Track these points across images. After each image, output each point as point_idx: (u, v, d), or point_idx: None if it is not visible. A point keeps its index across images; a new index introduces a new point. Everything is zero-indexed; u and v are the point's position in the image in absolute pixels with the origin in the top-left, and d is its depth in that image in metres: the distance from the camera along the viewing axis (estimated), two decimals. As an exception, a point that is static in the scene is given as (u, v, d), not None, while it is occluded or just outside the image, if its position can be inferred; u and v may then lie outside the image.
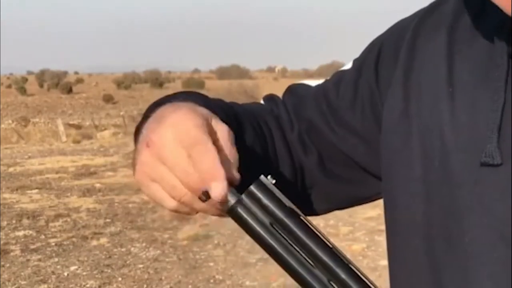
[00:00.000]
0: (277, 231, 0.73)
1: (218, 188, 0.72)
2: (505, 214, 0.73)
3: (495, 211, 0.74)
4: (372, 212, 8.59)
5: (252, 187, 0.73)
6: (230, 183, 0.74)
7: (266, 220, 0.73)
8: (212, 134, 0.75)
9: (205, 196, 0.72)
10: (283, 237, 0.72)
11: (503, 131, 0.74)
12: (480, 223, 0.75)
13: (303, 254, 0.72)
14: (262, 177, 0.73)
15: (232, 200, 0.73)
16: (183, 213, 0.79)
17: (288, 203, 0.73)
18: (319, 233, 0.73)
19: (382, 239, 7.35)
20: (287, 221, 0.72)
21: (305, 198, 0.97)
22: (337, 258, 0.72)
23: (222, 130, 0.77)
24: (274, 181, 0.74)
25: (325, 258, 0.72)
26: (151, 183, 0.76)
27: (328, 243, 0.73)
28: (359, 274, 0.72)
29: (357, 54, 0.99)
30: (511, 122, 0.74)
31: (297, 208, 0.74)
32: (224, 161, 0.74)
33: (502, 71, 0.75)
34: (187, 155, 0.73)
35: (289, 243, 0.72)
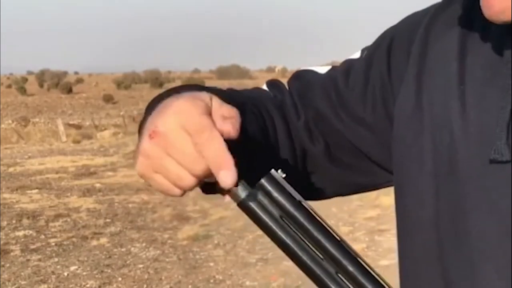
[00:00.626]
0: (286, 223, 0.73)
1: (227, 178, 0.72)
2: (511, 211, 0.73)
3: (503, 206, 0.74)
4: (372, 212, 8.59)
5: (262, 181, 0.74)
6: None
7: (276, 213, 0.74)
8: (213, 115, 0.74)
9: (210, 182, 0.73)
10: (292, 229, 0.73)
11: (511, 128, 0.74)
12: (488, 218, 0.75)
13: (311, 247, 0.73)
14: (272, 171, 0.74)
15: (242, 193, 0.74)
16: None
17: (298, 196, 0.74)
18: (328, 226, 0.74)
19: (382, 239, 7.35)
20: (296, 214, 0.73)
21: (307, 184, 0.96)
22: (345, 251, 0.73)
23: (222, 109, 0.76)
24: (284, 175, 0.74)
25: (333, 250, 0.73)
26: (154, 174, 0.75)
27: (336, 236, 0.74)
28: (366, 267, 0.73)
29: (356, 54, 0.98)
30: None
31: (302, 194, 0.75)
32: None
33: (511, 70, 0.76)
34: (193, 143, 0.72)
35: (298, 235, 0.73)
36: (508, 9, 0.71)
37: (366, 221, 8.26)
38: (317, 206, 1.06)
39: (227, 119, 0.74)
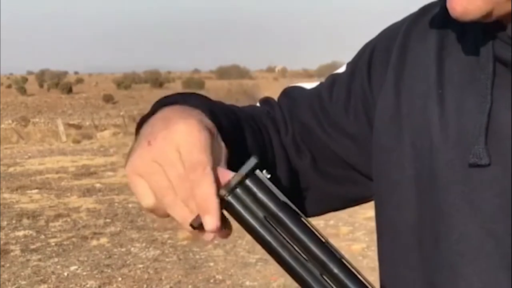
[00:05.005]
0: (271, 224, 0.74)
1: (211, 223, 0.71)
2: (494, 212, 0.75)
3: (484, 209, 0.76)
4: (372, 212, 8.52)
5: (247, 181, 0.74)
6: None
7: (260, 213, 0.74)
8: (213, 151, 0.74)
9: (197, 224, 0.72)
10: (276, 230, 0.74)
11: (490, 132, 0.76)
12: (469, 221, 0.76)
13: (296, 248, 0.73)
14: (257, 171, 0.74)
15: (227, 194, 0.74)
16: (155, 214, 0.76)
17: (282, 197, 0.74)
18: (313, 227, 0.74)
19: (382, 239, 7.35)
20: (281, 215, 0.74)
21: (300, 200, 0.97)
22: (329, 252, 0.73)
23: (220, 148, 0.76)
24: (269, 176, 0.75)
25: (317, 252, 0.73)
26: (138, 177, 0.73)
27: (321, 238, 0.74)
28: (351, 268, 0.73)
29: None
30: (497, 123, 0.76)
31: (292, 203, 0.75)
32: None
33: (487, 74, 0.77)
34: (183, 171, 0.72)
35: (282, 236, 0.74)
36: (468, 10, 0.73)
37: (366, 221, 8.26)
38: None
39: None
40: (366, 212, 8.63)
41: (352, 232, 7.81)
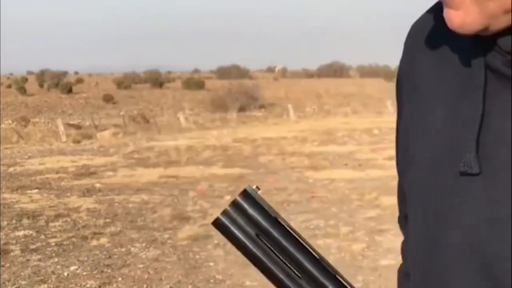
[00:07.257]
0: (263, 241, 0.72)
1: None
2: (482, 222, 0.76)
3: (472, 218, 0.76)
4: (372, 212, 8.59)
5: (238, 198, 0.72)
6: None
7: (252, 231, 0.72)
8: None
9: None
10: (269, 247, 0.72)
11: (481, 140, 0.76)
12: (458, 230, 0.78)
13: (289, 265, 0.72)
14: (247, 187, 0.73)
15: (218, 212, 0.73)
16: None
17: (274, 213, 0.73)
18: (306, 243, 0.73)
19: (382, 239, 7.35)
20: (273, 231, 0.72)
21: None
22: (323, 269, 0.72)
23: None
24: (260, 191, 0.73)
25: (311, 268, 0.72)
26: None
27: (314, 254, 0.73)
28: (346, 284, 0.73)
29: (356, 54, 0.99)
30: (488, 131, 0.76)
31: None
32: None
33: (479, 82, 0.78)
34: None
35: (275, 253, 0.72)
36: (465, 24, 0.74)
37: (366, 221, 8.26)
38: (317, 207, 1.07)
39: None
40: (366, 212, 8.63)
41: (352, 232, 7.81)
